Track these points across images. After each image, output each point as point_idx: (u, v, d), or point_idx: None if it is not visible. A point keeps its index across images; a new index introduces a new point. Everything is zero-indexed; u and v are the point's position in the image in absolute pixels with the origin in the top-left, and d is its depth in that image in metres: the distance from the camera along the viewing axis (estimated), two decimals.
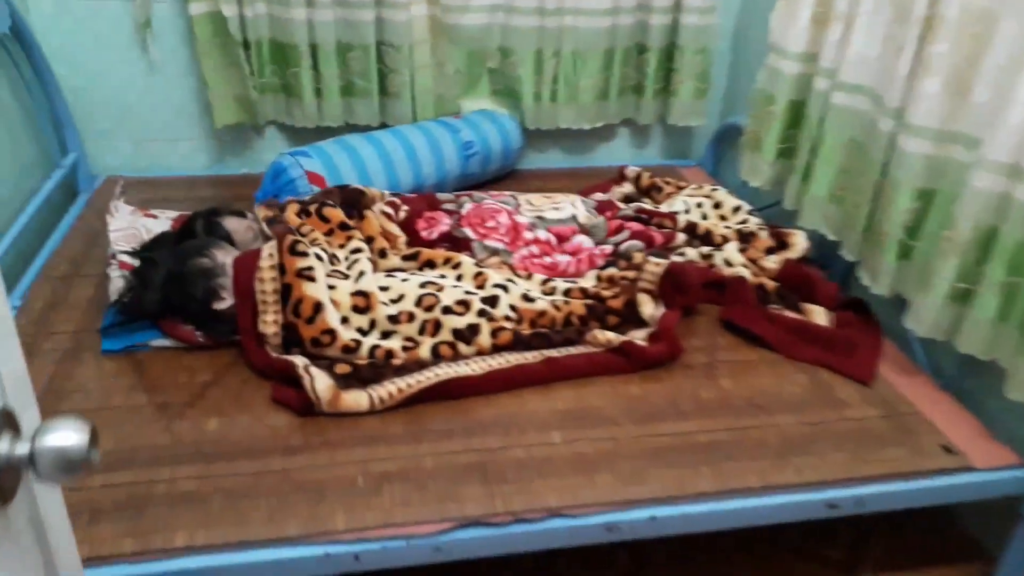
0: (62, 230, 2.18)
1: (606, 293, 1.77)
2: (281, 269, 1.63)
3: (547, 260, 1.91)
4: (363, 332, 1.62)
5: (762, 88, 2.11)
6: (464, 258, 1.80)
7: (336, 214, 1.84)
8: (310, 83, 2.42)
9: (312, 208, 1.85)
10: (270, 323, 1.59)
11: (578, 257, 1.93)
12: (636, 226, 2.00)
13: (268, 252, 1.63)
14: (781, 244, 2.03)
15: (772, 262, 1.94)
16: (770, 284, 1.89)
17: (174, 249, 1.70)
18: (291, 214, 1.82)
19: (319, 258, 1.68)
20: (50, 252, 2.03)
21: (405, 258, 1.81)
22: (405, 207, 1.98)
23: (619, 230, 1.99)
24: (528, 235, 1.94)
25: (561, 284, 1.81)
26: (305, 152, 2.16)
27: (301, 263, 1.64)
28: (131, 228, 1.90)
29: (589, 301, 1.76)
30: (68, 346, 1.66)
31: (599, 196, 2.35)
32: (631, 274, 1.82)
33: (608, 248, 1.95)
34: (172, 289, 1.64)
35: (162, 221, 1.96)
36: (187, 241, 1.71)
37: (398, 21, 2.36)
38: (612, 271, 1.87)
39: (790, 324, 1.76)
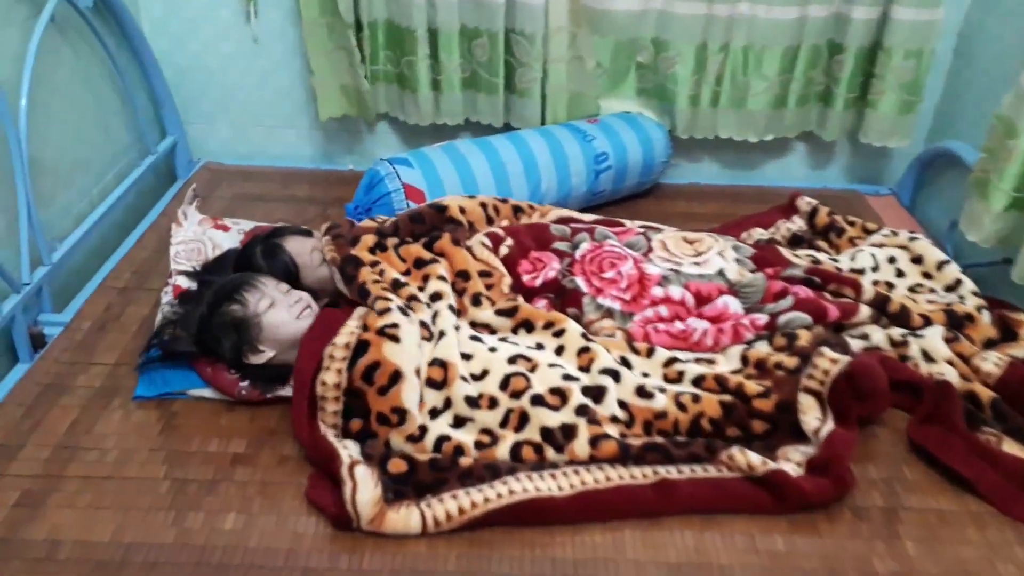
0: (150, 219, 1.98)
1: (753, 388, 1.33)
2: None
3: (677, 326, 1.49)
4: (434, 412, 1.29)
5: (1006, 115, 1.55)
6: (570, 325, 1.41)
7: (412, 252, 1.51)
8: (427, 74, 2.08)
9: (390, 243, 1.53)
10: (331, 385, 1.28)
11: (720, 326, 1.49)
12: (804, 291, 1.53)
13: (350, 331, 1.33)
14: (1007, 334, 1.50)
15: (992, 362, 1.42)
16: (986, 395, 1.37)
17: (214, 285, 1.42)
18: (363, 250, 1.50)
19: (404, 312, 1.35)
20: (128, 249, 1.83)
21: (500, 312, 1.45)
22: (509, 241, 1.61)
23: (781, 294, 1.52)
24: (657, 292, 1.52)
25: (691, 368, 1.39)
26: (405, 161, 1.83)
27: (384, 320, 1.32)
28: (196, 241, 1.65)
29: (727, 398, 1.33)
30: (102, 384, 1.43)
31: (759, 233, 1.88)
32: (791, 361, 1.37)
33: (762, 318, 1.49)
34: (205, 335, 1.37)
35: (233, 235, 1.70)
36: (226, 279, 1.43)
37: (533, 4, 1.96)
38: (765, 352, 1.42)
39: (1011, 465, 1.25)
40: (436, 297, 1.42)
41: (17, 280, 1.56)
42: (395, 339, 1.29)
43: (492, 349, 1.35)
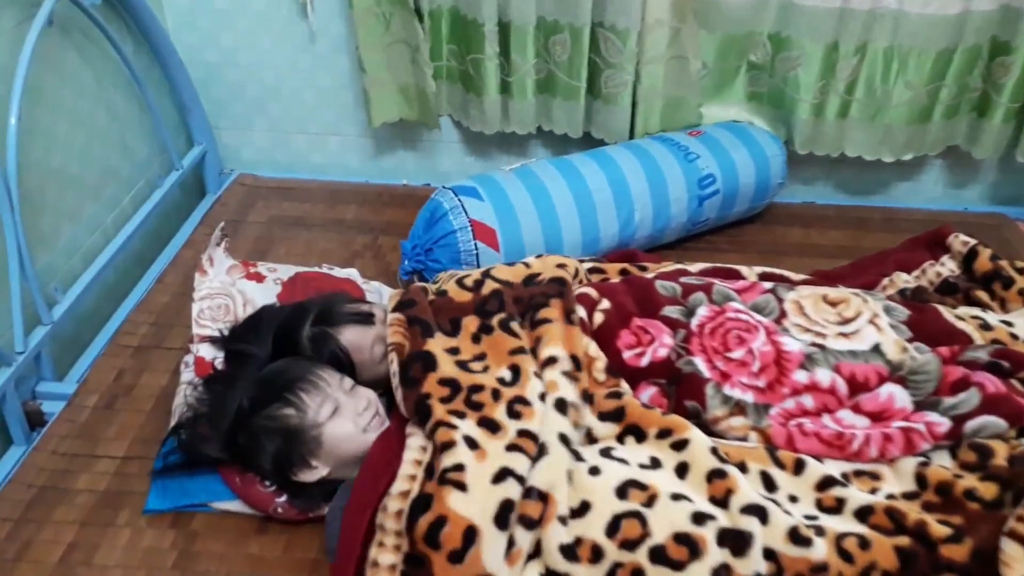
0: (174, 248, 1.70)
1: (939, 530, 1.00)
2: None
3: (828, 425, 1.16)
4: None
5: None
6: (694, 435, 1.08)
7: (509, 341, 1.18)
8: (495, 75, 1.75)
9: (496, 323, 1.19)
10: (389, 548, 0.99)
11: (885, 429, 1.15)
12: (992, 382, 1.18)
13: (408, 473, 1.03)
14: None
15: None
16: None
17: (255, 376, 1.13)
18: (461, 341, 1.18)
19: (471, 445, 1.04)
20: (145, 291, 1.56)
21: (604, 416, 1.13)
22: (605, 304, 1.29)
23: (961, 385, 1.18)
24: (800, 377, 1.18)
25: (854, 495, 1.06)
26: (473, 191, 1.51)
27: (448, 459, 1.01)
28: (223, 295, 1.36)
29: (905, 542, 1.00)
30: (107, 486, 1.16)
31: (903, 281, 1.53)
32: (988, 490, 1.03)
33: (942, 422, 1.15)
34: (241, 439, 1.08)
35: (268, 287, 1.41)
36: (276, 369, 1.13)
37: None
38: (948, 471, 1.09)
39: None
40: (543, 394, 1.11)
41: (9, 350, 1.29)
42: (460, 486, 0.99)
43: (594, 471, 1.04)
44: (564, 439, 1.05)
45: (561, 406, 1.08)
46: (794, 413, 1.17)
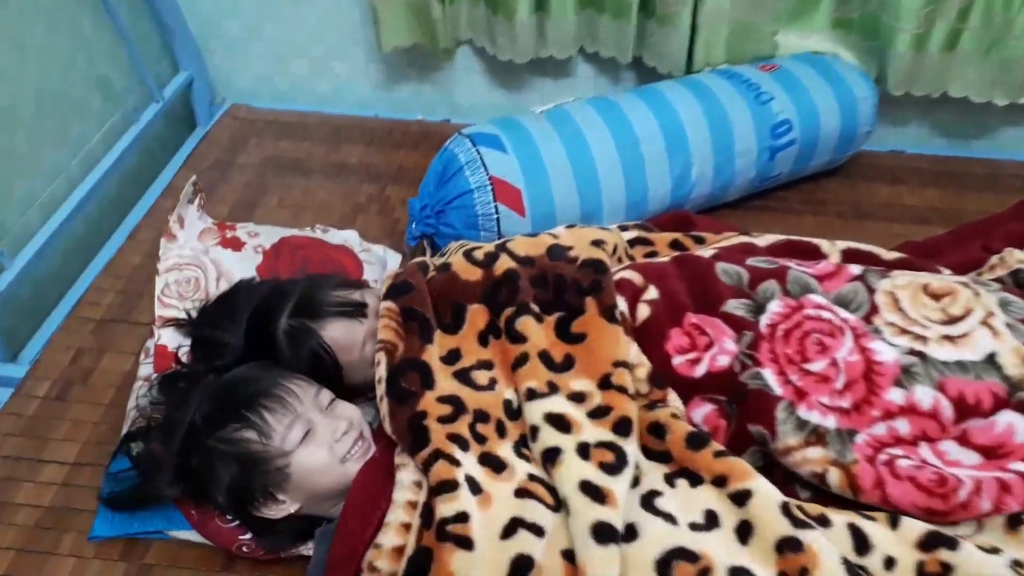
0: (153, 193, 1.48)
1: None
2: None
3: (928, 461, 0.92)
4: None
5: None
6: (759, 486, 0.83)
7: (538, 334, 0.96)
8: None
9: (503, 321, 0.96)
10: None
11: (1002, 472, 0.91)
12: None
13: (400, 520, 0.82)
14: None
15: None
16: None
17: (213, 384, 0.91)
18: (463, 342, 0.96)
19: (474, 489, 0.83)
20: (115, 250, 1.35)
21: (651, 454, 0.90)
22: (652, 293, 1.04)
23: None
24: (894, 397, 0.93)
25: (968, 557, 0.83)
26: (495, 140, 1.24)
27: (447, 506, 0.80)
28: (193, 266, 1.14)
29: None
30: (52, 501, 0.98)
31: (1018, 260, 1.25)
32: None
33: None
34: (196, 461, 0.88)
35: (247, 256, 1.18)
36: (234, 377, 0.92)
37: None
38: None
39: None
40: (562, 424, 0.88)
41: None
42: (464, 543, 0.78)
43: (631, 532, 0.81)
44: (589, 489, 0.82)
45: (584, 452, 0.85)
46: (884, 441, 0.93)
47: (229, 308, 1.04)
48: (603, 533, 0.78)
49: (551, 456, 0.85)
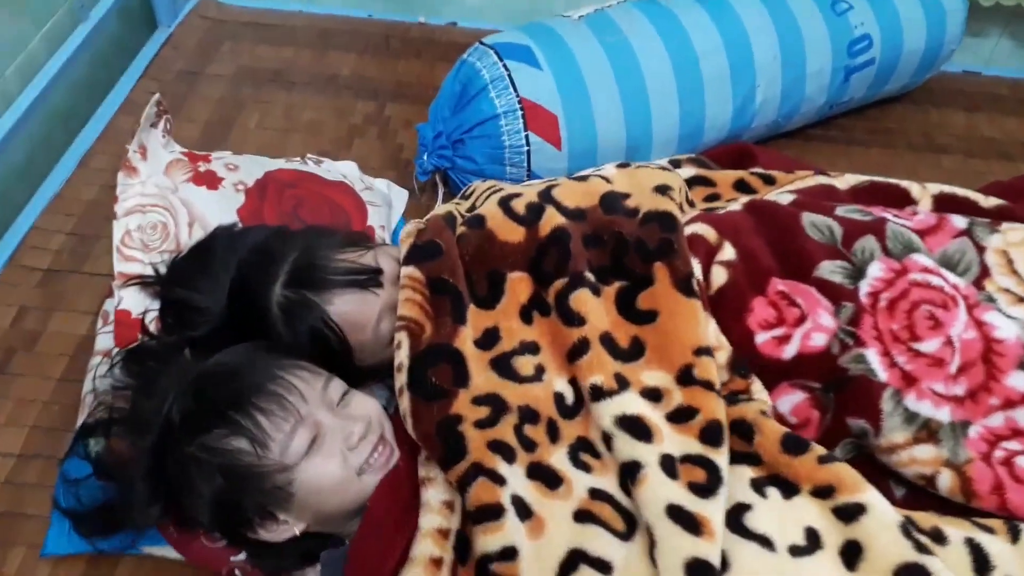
0: (108, 109, 1.24)
1: None
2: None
3: None
4: None
5: None
6: (872, 500, 0.66)
7: (598, 312, 0.77)
8: None
9: (552, 296, 0.77)
10: None
11: None
12: None
13: (428, 553, 0.66)
14: None
15: None
16: None
17: (192, 371, 0.72)
18: (501, 320, 0.77)
19: (525, 512, 0.66)
20: (62, 182, 1.12)
21: (735, 456, 0.72)
22: (728, 253, 0.85)
23: None
24: (1016, 382, 0.77)
25: None
26: (527, 54, 1.01)
27: (485, 540, 0.64)
28: (159, 205, 0.93)
29: None
30: None
31: None
32: None
33: None
34: (171, 467, 0.69)
35: (225, 195, 0.96)
36: (217, 366, 0.72)
37: None
38: None
39: None
40: (640, 431, 0.70)
41: None
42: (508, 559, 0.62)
43: (722, 563, 0.65)
44: (679, 516, 0.66)
45: (669, 467, 0.68)
46: (1000, 434, 0.77)
47: (206, 264, 0.84)
48: (698, 572, 0.62)
49: (630, 471, 0.68)
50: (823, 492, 0.70)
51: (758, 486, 0.72)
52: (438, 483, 0.69)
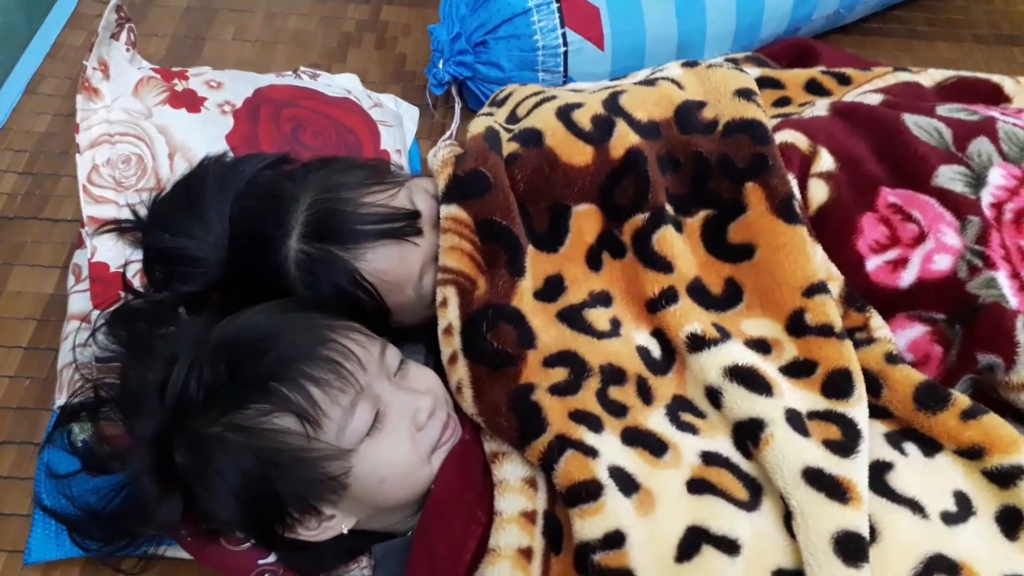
0: (54, 26, 1.06)
1: None
2: None
3: None
4: None
5: None
6: None
7: (685, 256, 0.64)
8: None
9: (629, 236, 0.64)
10: None
11: None
12: None
13: (512, 540, 0.54)
14: None
15: None
16: None
17: (211, 333, 0.57)
18: (564, 267, 0.64)
19: (630, 486, 0.54)
20: (10, 105, 0.95)
21: (871, 411, 0.59)
22: (827, 162, 0.71)
23: None
24: None
25: None
26: None
27: (585, 525, 0.52)
28: (131, 133, 0.76)
29: None
30: None
31: None
32: None
33: None
34: (181, 456, 0.56)
35: (210, 118, 0.79)
36: (249, 325, 0.57)
37: None
38: None
39: None
40: (756, 383, 0.57)
41: None
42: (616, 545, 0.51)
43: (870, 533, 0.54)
44: (819, 480, 0.54)
45: (797, 423, 0.56)
46: None
47: (196, 203, 0.68)
48: (850, 547, 0.51)
49: (750, 430, 0.56)
50: (972, 453, 0.59)
51: (895, 441, 0.61)
52: (513, 457, 0.57)
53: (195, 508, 0.57)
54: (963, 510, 0.57)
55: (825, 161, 0.71)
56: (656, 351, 0.62)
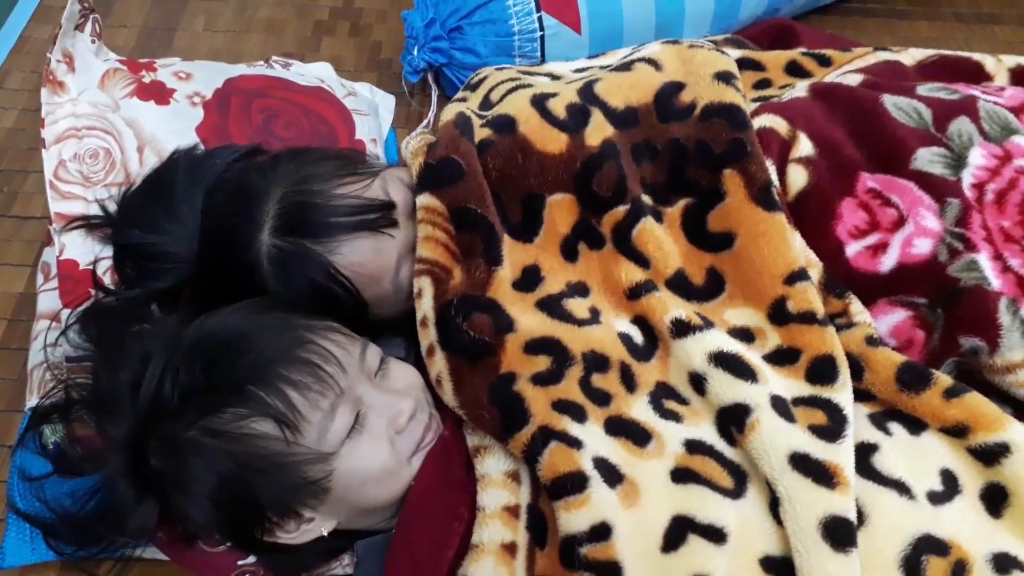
0: (20, 17, 1.03)
1: None
2: None
3: None
4: None
5: None
6: (1016, 434, 0.55)
7: (667, 248, 0.63)
8: None
9: (609, 228, 0.64)
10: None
11: None
12: None
13: (496, 535, 0.53)
14: None
15: None
16: None
17: (185, 332, 0.56)
18: (542, 256, 0.64)
19: (614, 476, 0.53)
20: None
21: (854, 394, 0.59)
22: (806, 147, 0.70)
23: None
24: None
25: None
26: None
27: (570, 517, 0.51)
28: (98, 127, 0.74)
29: None
30: None
31: None
32: None
33: None
34: (156, 459, 0.55)
35: (179, 110, 0.77)
36: (226, 323, 0.56)
37: None
38: None
39: None
40: (741, 369, 0.57)
41: None
42: (612, 572, 0.50)
43: (857, 517, 0.54)
44: (806, 465, 0.53)
45: (782, 409, 0.56)
46: None
47: (166, 198, 0.68)
48: (838, 532, 0.51)
49: (735, 416, 0.55)
50: (956, 431, 0.59)
51: (879, 422, 0.61)
52: (495, 451, 0.56)
53: (171, 511, 0.56)
54: (949, 488, 0.57)
55: (804, 146, 0.70)
56: (638, 337, 0.61)
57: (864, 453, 0.57)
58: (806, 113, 0.73)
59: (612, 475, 0.54)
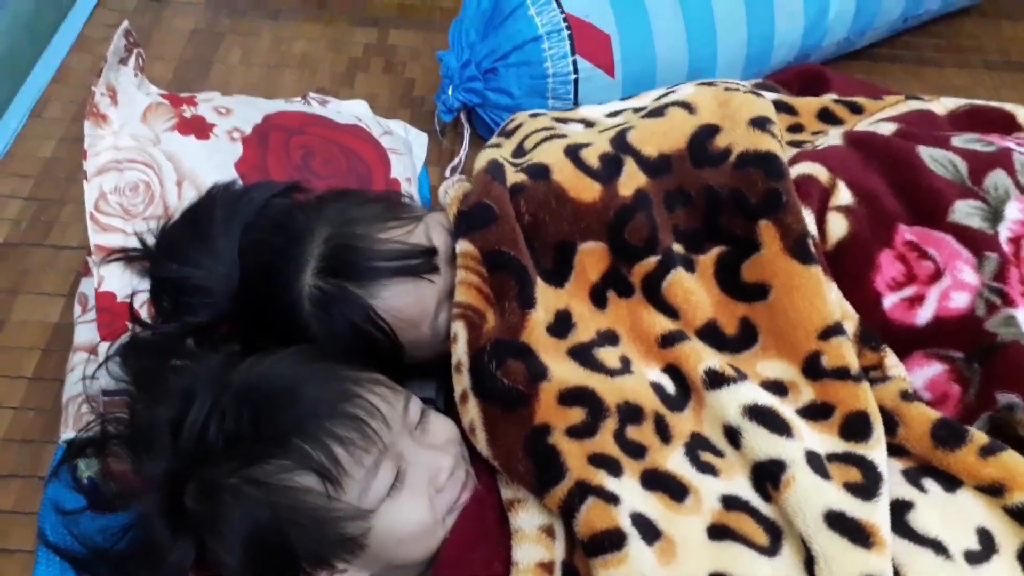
0: (59, 48, 1.05)
1: None
2: None
3: None
4: None
5: None
6: None
7: (699, 298, 0.64)
8: None
9: (639, 279, 0.64)
10: None
11: None
12: None
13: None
14: None
15: None
16: None
17: (232, 376, 0.56)
18: (573, 301, 0.63)
19: (651, 533, 0.53)
20: (14, 130, 0.94)
21: (888, 449, 0.59)
22: (845, 196, 0.70)
23: None
24: None
25: None
26: None
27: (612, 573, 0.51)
28: (139, 160, 0.75)
29: None
30: None
31: None
32: None
33: None
34: (191, 501, 0.55)
35: (220, 146, 0.78)
36: (271, 372, 0.56)
37: None
38: None
39: None
40: (776, 423, 0.57)
41: None
42: None
43: None
44: (841, 524, 0.53)
45: (818, 466, 0.55)
46: None
47: (204, 232, 0.68)
48: None
49: (770, 472, 0.55)
50: (992, 490, 0.58)
51: (914, 478, 0.60)
52: (529, 505, 0.56)
53: (203, 553, 0.56)
54: (986, 548, 0.56)
55: (844, 195, 0.70)
56: (670, 387, 0.61)
57: (899, 511, 0.56)
58: (844, 162, 0.73)
59: (649, 531, 0.53)
